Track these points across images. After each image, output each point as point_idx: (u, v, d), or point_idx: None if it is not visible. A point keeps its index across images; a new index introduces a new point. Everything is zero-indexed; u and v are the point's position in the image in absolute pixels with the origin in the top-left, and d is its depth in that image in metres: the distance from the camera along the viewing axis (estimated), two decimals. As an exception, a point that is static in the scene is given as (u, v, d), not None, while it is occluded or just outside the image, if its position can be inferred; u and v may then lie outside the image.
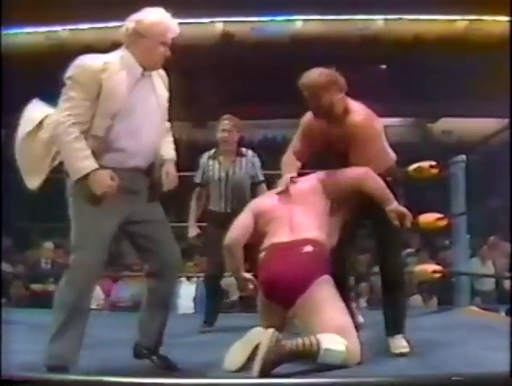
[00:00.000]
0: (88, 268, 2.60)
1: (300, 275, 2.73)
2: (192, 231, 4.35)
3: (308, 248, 2.80)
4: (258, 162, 4.28)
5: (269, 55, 16.19)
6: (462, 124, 16.55)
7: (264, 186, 4.23)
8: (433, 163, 3.77)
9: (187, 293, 7.12)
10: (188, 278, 7.25)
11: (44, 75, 12.84)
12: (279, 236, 2.90)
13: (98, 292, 7.41)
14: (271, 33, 17.79)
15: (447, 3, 16.46)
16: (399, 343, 2.97)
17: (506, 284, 7.89)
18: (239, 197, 4.12)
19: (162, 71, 2.92)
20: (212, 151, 4.32)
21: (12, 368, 1.75)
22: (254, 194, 4.12)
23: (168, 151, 2.93)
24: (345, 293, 3.04)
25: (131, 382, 1.07)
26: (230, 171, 4.21)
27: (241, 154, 4.28)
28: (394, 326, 3.03)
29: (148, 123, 2.73)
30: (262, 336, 2.56)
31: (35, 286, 7.20)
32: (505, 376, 1.56)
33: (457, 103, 15.70)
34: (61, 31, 17.20)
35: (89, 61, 2.68)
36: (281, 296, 2.75)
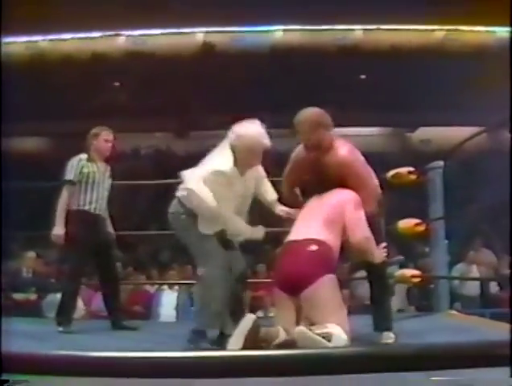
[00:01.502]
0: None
1: (305, 270, 3.05)
2: (59, 230, 4.32)
3: (313, 247, 3.12)
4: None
5: (249, 65, 16.26)
6: (441, 133, 16.71)
7: None
8: (411, 169, 3.83)
9: (169, 302, 7.14)
10: (170, 286, 7.27)
11: (25, 84, 12.83)
12: (293, 234, 3.30)
13: (79, 302, 7.39)
14: (252, 43, 17.89)
15: (424, 13, 16.69)
16: (387, 336, 3.44)
17: (491, 289, 8.01)
18: (103, 201, 4.47)
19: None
20: (86, 156, 4.46)
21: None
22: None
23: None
24: None
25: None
26: (105, 177, 4.51)
27: (106, 167, 4.60)
28: (382, 323, 3.50)
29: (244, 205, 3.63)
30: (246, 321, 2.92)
31: (17, 295, 7.17)
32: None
33: (435, 112, 15.87)
34: (41, 41, 17.16)
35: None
36: (289, 286, 3.07)
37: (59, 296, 4.47)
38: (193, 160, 4.37)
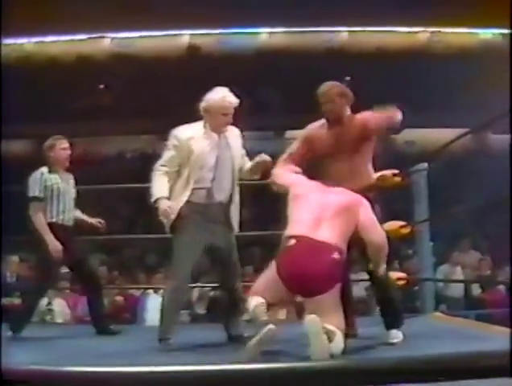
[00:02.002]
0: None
1: (325, 279, 3.00)
2: (57, 245, 4.28)
3: (336, 256, 3.04)
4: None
5: (235, 67, 16.26)
6: (425, 134, 16.79)
7: None
8: (396, 171, 3.83)
9: (154, 306, 7.09)
10: (156, 290, 7.23)
11: (9, 87, 12.74)
12: (303, 228, 3.13)
13: (64, 307, 7.35)
14: (237, 45, 17.90)
15: (409, 15, 16.78)
16: (394, 335, 3.45)
17: (474, 290, 8.04)
18: (70, 210, 4.45)
19: (237, 131, 3.88)
20: (46, 168, 4.41)
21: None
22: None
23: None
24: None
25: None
26: (68, 186, 4.50)
27: (68, 175, 4.58)
28: (390, 322, 3.51)
29: (226, 171, 3.70)
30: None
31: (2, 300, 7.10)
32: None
33: (420, 114, 15.93)
34: (27, 44, 17.07)
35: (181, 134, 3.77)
36: (299, 287, 3.03)
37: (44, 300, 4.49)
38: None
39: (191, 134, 3.70)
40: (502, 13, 15.91)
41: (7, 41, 16.36)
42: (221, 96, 3.73)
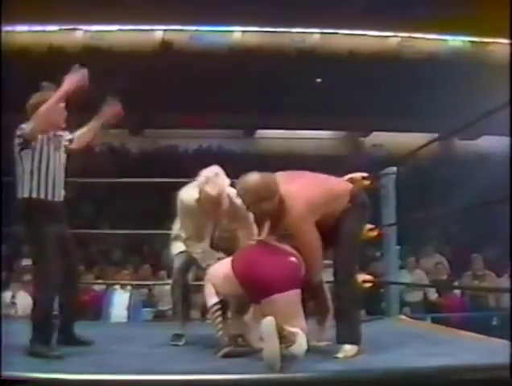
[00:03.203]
0: None
1: (283, 278, 3.03)
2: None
3: (293, 259, 3.11)
4: None
5: (207, 64, 16.22)
6: (393, 138, 16.98)
7: None
8: (365, 174, 3.84)
9: (120, 302, 7.06)
10: (122, 287, 7.19)
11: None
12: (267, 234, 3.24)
13: (27, 300, 7.25)
14: (210, 42, 17.88)
15: (380, 20, 16.95)
16: (346, 349, 3.17)
17: (431, 295, 8.17)
18: (60, 183, 3.57)
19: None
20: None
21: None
22: None
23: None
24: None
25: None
26: (58, 150, 3.58)
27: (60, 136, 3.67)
28: (343, 336, 3.23)
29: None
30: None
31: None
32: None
33: (388, 117, 16.11)
34: (-5, 33, 16.77)
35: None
36: (254, 288, 3.04)
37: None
38: (146, 158, 4.34)
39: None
40: (473, 21, 16.20)
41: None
42: (205, 186, 3.49)
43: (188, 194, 3.59)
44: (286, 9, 15.98)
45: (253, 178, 3.18)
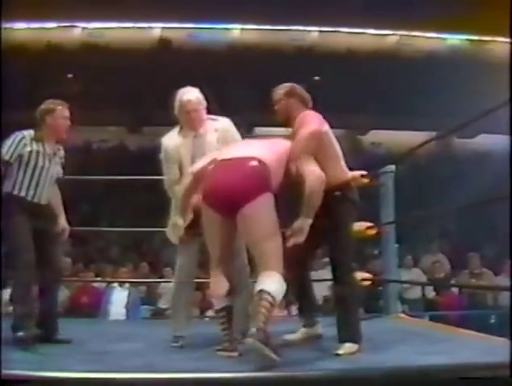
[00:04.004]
0: None
1: (246, 186, 2.96)
2: None
3: (254, 163, 3.02)
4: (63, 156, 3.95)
5: (205, 62, 16.22)
6: (391, 136, 16.99)
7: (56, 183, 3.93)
8: (364, 173, 3.84)
9: (119, 300, 7.06)
10: (121, 284, 7.19)
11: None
12: (228, 154, 3.17)
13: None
14: (209, 40, 17.87)
15: (379, 19, 16.94)
16: (344, 346, 3.15)
17: (429, 293, 8.20)
18: (48, 189, 3.76)
19: (215, 125, 3.69)
20: (32, 133, 3.73)
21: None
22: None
23: None
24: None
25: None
26: (52, 161, 3.78)
27: (58, 148, 3.87)
28: (344, 334, 3.21)
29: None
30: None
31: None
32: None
33: (387, 116, 16.12)
34: (-6, 29, 16.74)
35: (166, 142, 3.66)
36: (224, 204, 2.98)
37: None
38: (145, 156, 4.32)
39: (172, 139, 3.65)
40: (472, 20, 16.21)
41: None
42: (181, 95, 3.67)
43: (169, 135, 3.67)
44: (284, 7, 15.96)
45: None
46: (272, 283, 2.88)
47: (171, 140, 3.63)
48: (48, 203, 3.77)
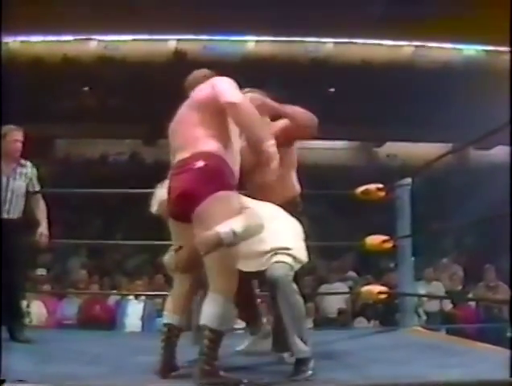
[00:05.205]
0: None
1: (192, 190, 2.76)
2: None
3: (200, 164, 2.80)
4: (35, 172, 4.46)
5: (220, 74, 16.27)
6: (406, 148, 16.93)
7: (39, 195, 4.48)
8: (380, 186, 3.85)
9: (134, 312, 7.08)
10: (136, 297, 7.21)
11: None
12: (180, 154, 2.94)
13: (42, 309, 7.31)
14: (224, 52, 17.93)
15: (394, 29, 16.93)
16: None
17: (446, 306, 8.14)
18: (16, 203, 4.26)
19: None
20: None
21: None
22: (29, 202, 4.38)
23: None
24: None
25: None
26: (11, 178, 4.28)
27: (20, 164, 4.37)
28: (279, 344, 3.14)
29: None
30: None
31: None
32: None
33: (402, 127, 16.06)
34: (12, 43, 16.92)
35: None
36: (178, 211, 2.85)
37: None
38: (160, 167, 4.31)
39: None
40: (488, 30, 16.15)
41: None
42: None
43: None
44: (299, 18, 16.00)
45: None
46: (212, 315, 2.69)
47: None
48: (22, 216, 4.25)
